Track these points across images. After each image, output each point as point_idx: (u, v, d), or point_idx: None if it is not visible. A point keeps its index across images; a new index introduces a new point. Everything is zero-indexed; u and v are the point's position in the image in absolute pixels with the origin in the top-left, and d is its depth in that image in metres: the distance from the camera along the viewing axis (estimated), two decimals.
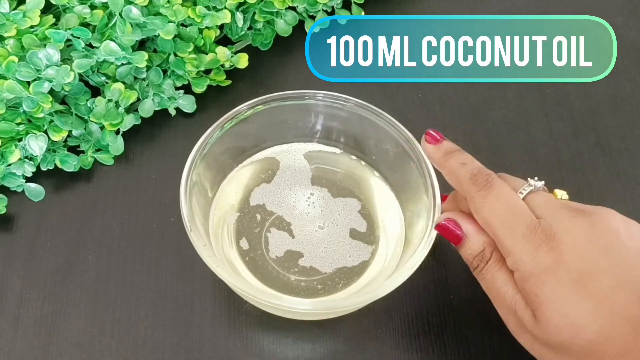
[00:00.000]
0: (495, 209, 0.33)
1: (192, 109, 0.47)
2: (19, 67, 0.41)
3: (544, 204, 0.33)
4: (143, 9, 0.44)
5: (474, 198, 0.34)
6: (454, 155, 0.36)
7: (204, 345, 0.40)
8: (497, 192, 0.33)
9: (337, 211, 0.42)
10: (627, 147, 0.48)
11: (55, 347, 0.39)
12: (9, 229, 0.43)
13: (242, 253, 0.41)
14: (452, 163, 0.36)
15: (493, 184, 0.34)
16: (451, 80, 0.51)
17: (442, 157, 0.37)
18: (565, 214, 0.32)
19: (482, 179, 0.34)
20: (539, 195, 0.34)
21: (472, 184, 0.34)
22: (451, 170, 0.36)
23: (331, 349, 0.40)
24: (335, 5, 0.51)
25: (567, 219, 0.32)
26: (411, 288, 0.41)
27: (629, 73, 0.52)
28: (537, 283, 0.31)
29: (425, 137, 0.38)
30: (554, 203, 0.33)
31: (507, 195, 0.33)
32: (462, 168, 0.35)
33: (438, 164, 0.37)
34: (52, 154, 0.44)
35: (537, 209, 0.33)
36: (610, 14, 0.55)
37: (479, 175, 0.34)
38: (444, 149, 0.37)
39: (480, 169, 0.35)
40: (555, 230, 0.31)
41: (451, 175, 0.36)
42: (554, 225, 0.32)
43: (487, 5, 0.55)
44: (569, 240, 0.31)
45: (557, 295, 0.31)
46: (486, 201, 0.33)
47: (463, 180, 0.35)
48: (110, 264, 0.42)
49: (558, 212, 0.32)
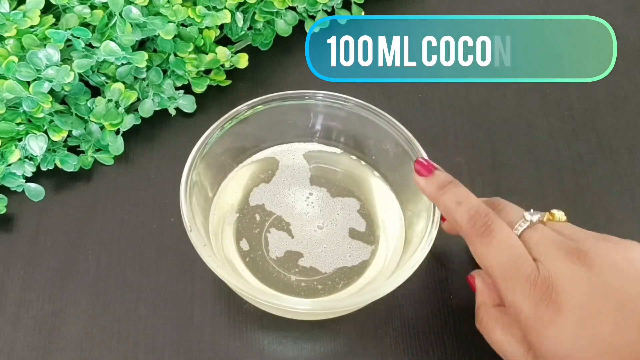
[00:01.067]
0: (495, 258, 0.33)
1: (192, 109, 0.47)
2: (19, 67, 0.41)
3: (540, 243, 0.33)
4: (143, 9, 0.44)
5: (473, 243, 0.34)
6: (447, 191, 0.35)
7: (204, 345, 0.40)
8: (498, 240, 0.33)
9: (336, 211, 0.42)
10: (627, 147, 0.48)
11: (55, 347, 0.39)
12: (9, 229, 0.43)
13: (242, 254, 0.41)
14: (446, 200, 0.35)
15: (492, 229, 0.33)
16: (451, 80, 0.51)
17: (435, 192, 0.36)
18: (562, 258, 0.32)
19: (481, 222, 0.34)
20: (535, 232, 0.34)
21: (470, 227, 0.34)
22: (446, 209, 0.35)
23: (331, 349, 0.40)
24: (335, 5, 0.51)
25: (565, 264, 0.32)
26: (411, 288, 0.41)
27: (629, 73, 0.52)
28: (539, 335, 0.31)
29: (415, 166, 0.37)
30: (551, 242, 0.33)
31: (507, 244, 0.33)
32: (458, 208, 0.35)
33: (431, 199, 0.36)
34: (52, 154, 0.44)
35: (534, 249, 0.33)
36: (610, 14, 0.55)
37: (477, 218, 0.34)
38: (437, 183, 0.36)
39: (478, 210, 0.34)
40: (554, 279, 0.31)
41: (447, 215, 0.35)
42: (552, 272, 0.31)
43: (487, 5, 0.55)
44: (568, 290, 0.31)
45: (559, 346, 0.31)
46: (487, 250, 0.33)
47: (461, 222, 0.34)
48: (110, 264, 0.42)
49: (555, 254, 0.32)
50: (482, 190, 0.46)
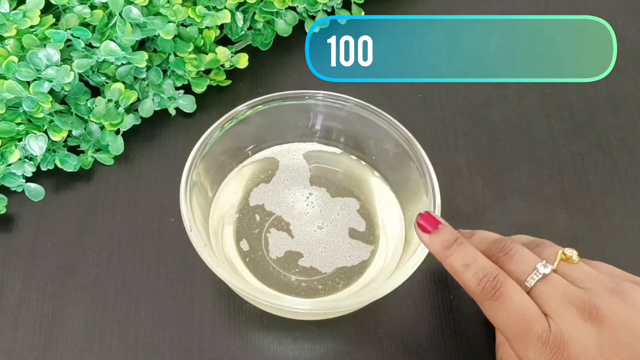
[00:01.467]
0: (507, 322, 0.33)
1: (192, 109, 0.47)
2: (19, 67, 0.41)
3: (552, 299, 0.33)
4: (143, 9, 0.44)
5: (484, 306, 0.34)
6: (453, 252, 0.35)
7: (204, 345, 0.40)
8: (508, 304, 0.33)
9: (336, 211, 0.42)
10: (627, 147, 0.48)
11: (55, 347, 0.39)
12: (9, 229, 0.43)
13: (242, 254, 0.41)
14: (453, 262, 0.35)
15: (502, 292, 0.33)
16: (451, 80, 0.51)
17: (440, 253, 0.35)
18: (575, 315, 0.32)
19: (490, 286, 0.33)
20: (547, 286, 0.33)
21: (479, 291, 0.33)
22: (453, 271, 0.35)
23: (331, 349, 0.40)
24: (335, 5, 0.51)
25: (576, 323, 0.32)
26: (411, 288, 0.41)
27: (629, 73, 0.52)
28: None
29: (418, 221, 0.36)
30: (563, 298, 0.33)
31: (517, 307, 0.33)
32: (465, 271, 0.34)
33: (437, 256, 0.36)
34: (52, 154, 0.44)
35: (546, 305, 0.33)
36: (610, 14, 0.55)
37: (486, 282, 0.33)
38: (442, 242, 0.35)
39: (485, 272, 0.34)
40: (566, 338, 0.31)
41: (454, 276, 0.35)
42: (563, 330, 0.32)
43: (487, 5, 0.55)
44: (579, 348, 0.31)
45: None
46: (497, 314, 0.33)
47: (469, 285, 0.34)
48: (110, 264, 0.42)
49: (567, 311, 0.32)
50: (482, 190, 0.46)
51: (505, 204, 0.45)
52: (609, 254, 0.38)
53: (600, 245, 0.44)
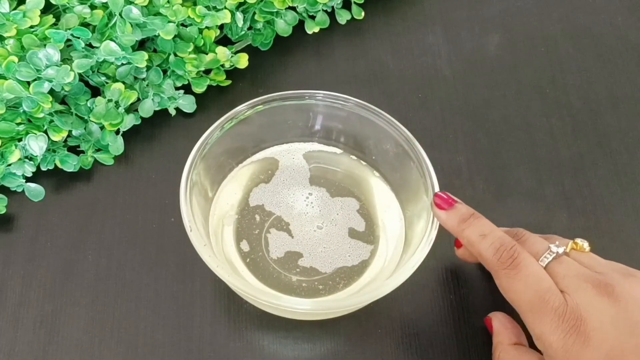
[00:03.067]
0: (523, 293, 0.33)
1: (192, 109, 0.47)
2: (19, 67, 0.41)
3: (567, 276, 0.33)
4: (143, 9, 0.44)
5: (499, 276, 0.34)
6: (470, 224, 0.35)
7: (204, 346, 0.40)
8: (524, 274, 0.33)
9: (336, 211, 0.42)
10: (627, 147, 0.48)
11: (55, 347, 0.39)
12: (9, 229, 0.43)
13: (242, 255, 0.41)
14: (470, 234, 0.35)
15: (519, 262, 0.33)
16: (451, 80, 0.51)
17: (457, 226, 0.36)
18: (590, 291, 0.32)
19: (507, 255, 0.33)
20: (561, 265, 0.33)
21: (496, 260, 0.34)
22: (470, 242, 0.35)
23: (331, 349, 0.40)
24: (335, 5, 0.51)
25: (592, 297, 0.32)
26: (411, 288, 0.41)
27: (629, 73, 0.52)
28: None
29: (435, 200, 0.37)
30: (578, 275, 0.33)
31: (534, 278, 0.33)
32: (482, 241, 0.34)
33: (453, 232, 0.36)
34: (52, 154, 0.44)
35: (561, 282, 0.33)
36: (610, 14, 0.55)
37: (503, 250, 0.34)
38: (459, 216, 0.36)
39: (503, 242, 0.34)
40: (582, 312, 0.31)
41: (471, 247, 0.35)
42: (579, 304, 0.32)
43: (487, 5, 0.55)
44: (595, 323, 0.31)
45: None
46: (513, 283, 0.33)
47: (486, 256, 0.34)
48: (110, 264, 0.42)
49: (582, 286, 0.32)
50: (482, 190, 0.46)
51: (505, 204, 0.45)
52: (609, 253, 0.38)
53: (600, 245, 0.44)
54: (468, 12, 0.55)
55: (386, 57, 0.52)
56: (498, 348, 0.37)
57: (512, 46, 0.53)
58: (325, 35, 0.52)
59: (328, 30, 0.51)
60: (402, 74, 0.51)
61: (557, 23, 0.54)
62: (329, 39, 0.52)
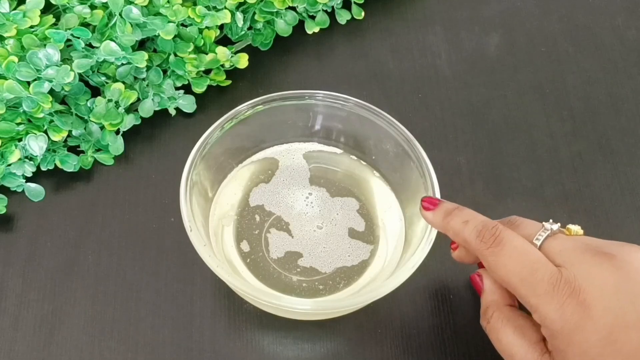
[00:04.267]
0: (511, 267, 0.31)
1: (192, 109, 0.47)
2: (19, 67, 0.41)
3: (564, 251, 0.31)
4: (143, 9, 0.44)
5: (485, 257, 0.33)
6: (454, 215, 0.35)
7: (204, 345, 0.40)
8: (509, 248, 0.32)
9: (336, 211, 0.42)
10: (627, 147, 0.48)
11: (55, 347, 0.39)
12: (9, 229, 0.43)
13: (243, 255, 0.41)
14: (453, 224, 0.35)
15: (502, 238, 0.32)
16: (451, 80, 0.51)
17: (442, 220, 0.35)
18: (589, 260, 0.30)
19: (489, 234, 0.33)
20: (556, 240, 0.32)
21: (480, 242, 0.33)
22: (455, 232, 0.34)
23: (331, 349, 0.40)
24: (335, 5, 0.51)
25: (591, 267, 0.30)
26: (411, 288, 0.41)
27: (629, 73, 0.52)
28: (565, 341, 0.30)
29: (422, 204, 0.36)
30: (574, 247, 0.31)
31: (520, 250, 0.32)
32: (465, 227, 0.34)
33: (441, 228, 0.36)
34: (52, 154, 0.44)
35: (557, 257, 0.31)
36: (611, 14, 0.55)
37: (485, 231, 0.33)
38: (443, 211, 0.35)
39: (485, 224, 0.33)
40: (580, 282, 0.30)
41: (457, 237, 0.35)
42: (577, 275, 0.30)
43: (487, 5, 0.55)
44: (595, 292, 0.29)
45: (585, 355, 0.29)
46: (499, 260, 0.32)
47: (470, 239, 0.33)
48: (110, 264, 0.42)
49: (580, 258, 0.31)
50: (482, 190, 0.46)
51: (505, 204, 0.45)
52: None
53: None
54: (468, 12, 0.55)
55: (386, 57, 0.52)
56: (492, 307, 0.35)
57: (512, 46, 0.53)
58: (325, 35, 0.52)
59: (328, 30, 0.51)
60: (402, 74, 0.51)
61: (557, 23, 0.54)
62: (329, 39, 0.52)
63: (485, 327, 0.35)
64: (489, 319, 0.34)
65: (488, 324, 0.34)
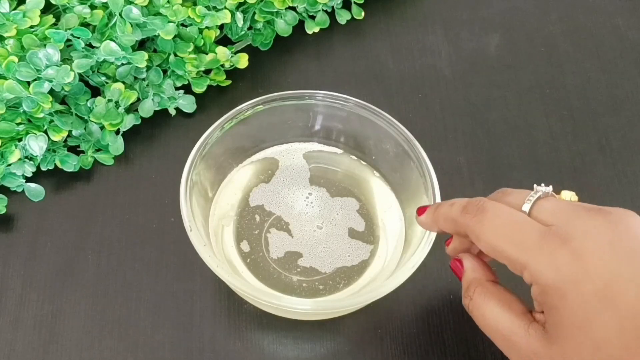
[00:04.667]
0: (495, 229, 0.30)
1: (192, 109, 0.47)
2: (19, 67, 0.41)
3: (556, 209, 0.30)
4: (143, 9, 0.44)
5: (471, 227, 0.32)
6: (441, 204, 0.34)
7: (204, 346, 0.40)
8: (492, 212, 0.31)
9: (336, 211, 0.42)
10: (627, 147, 0.48)
11: (55, 347, 0.39)
12: (9, 229, 0.43)
13: (243, 255, 0.41)
14: (441, 210, 0.34)
15: (485, 206, 0.31)
16: (451, 80, 0.51)
17: (432, 214, 0.35)
18: (582, 214, 0.29)
19: (473, 205, 0.32)
20: (548, 201, 0.31)
21: (465, 214, 0.32)
22: (444, 216, 0.34)
23: (331, 349, 0.40)
24: (335, 5, 0.51)
25: (585, 220, 0.29)
26: (411, 288, 0.41)
27: (629, 73, 0.52)
28: (558, 295, 0.28)
29: (417, 212, 0.36)
30: (567, 205, 0.30)
31: (504, 212, 0.31)
32: (451, 208, 0.33)
33: (433, 221, 0.35)
34: (52, 154, 0.44)
35: (550, 217, 0.30)
36: (610, 14, 0.55)
37: (469, 205, 0.32)
38: (433, 207, 0.35)
39: (470, 200, 0.33)
40: (572, 233, 0.28)
41: (445, 221, 0.34)
42: (570, 229, 0.29)
43: (487, 5, 0.55)
44: (590, 244, 0.28)
45: (579, 308, 0.28)
46: (484, 225, 0.31)
47: (456, 216, 0.33)
48: (110, 264, 0.42)
49: (573, 213, 0.29)
50: (482, 191, 0.46)
51: None
52: None
53: None
54: (468, 12, 0.55)
55: (386, 57, 0.52)
56: (474, 283, 0.33)
57: (512, 46, 0.53)
58: (325, 35, 0.52)
59: (328, 30, 0.51)
60: (402, 74, 0.51)
61: (557, 23, 0.54)
62: (329, 39, 0.52)
63: (468, 305, 0.33)
64: (471, 296, 0.33)
65: (471, 301, 0.33)
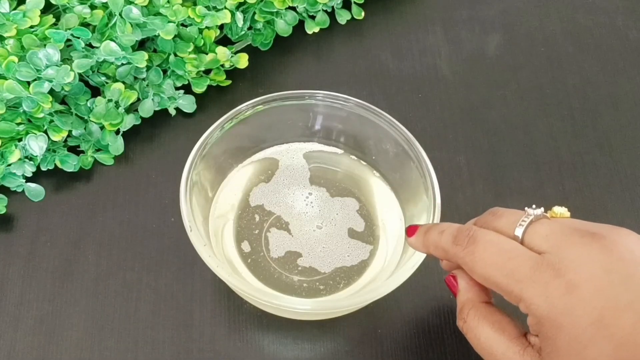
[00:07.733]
0: (487, 260, 0.30)
1: (192, 109, 0.47)
2: (19, 67, 0.41)
3: (549, 234, 0.30)
4: (143, 9, 0.44)
5: (463, 258, 0.31)
6: (431, 230, 0.34)
7: (204, 345, 0.40)
8: (483, 243, 0.30)
9: (335, 211, 0.42)
10: (627, 147, 0.48)
11: (55, 347, 0.39)
12: (9, 229, 0.43)
13: (243, 255, 0.41)
14: (431, 236, 0.34)
15: (476, 236, 0.31)
16: (451, 80, 0.51)
17: (422, 238, 0.34)
18: (576, 242, 0.29)
19: (463, 235, 0.32)
20: (540, 225, 0.30)
21: (455, 245, 0.32)
22: (435, 244, 0.33)
23: (331, 349, 0.40)
24: (335, 5, 0.51)
25: (579, 247, 0.28)
26: (411, 288, 0.41)
27: (629, 73, 0.52)
28: (553, 327, 0.28)
29: (406, 232, 0.36)
30: (561, 230, 0.30)
31: (495, 242, 0.30)
32: (442, 236, 0.33)
33: (423, 247, 0.35)
34: (52, 154, 0.44)
35: (543, 242, 0.30)
36: (610, 14, 0.55)
37: (459, 234, 0.32)
38: (422, 231, 0.35)
39: (460, 229, 0.32)
40: (566, 263, 0.28)
41: (436, 250, 0.34)
42: (564, 257, 0.28)
43: (487, 5, 0.55)
44: (584, 273, 0.28)
45: (574, 339, 0.27)
46: (475, 257, 0.30)
47: (447, 246, 0.32)
48: (110, 264, 0.42)
49: (567, 240, 0.29)
50: (482, 191, 0.46)
51: (505, 204, 0.45)
52: None
53: None
54: (468, 12, 0.55)
55: (386, 57, 0.52)
56: (467, 305, 0.33)
57: (512, 46, 0.53)
58: (325, 35, 0.52)
59: (328, 30, 0.51)
60: (402, 74, 0.51)
61: (557, 23, 0.54)
62: (329, 39, 0.52)
63: (462, 327, 0.33)
64: (465, 318, 0.33)
65: (465, 324, 0.33)
